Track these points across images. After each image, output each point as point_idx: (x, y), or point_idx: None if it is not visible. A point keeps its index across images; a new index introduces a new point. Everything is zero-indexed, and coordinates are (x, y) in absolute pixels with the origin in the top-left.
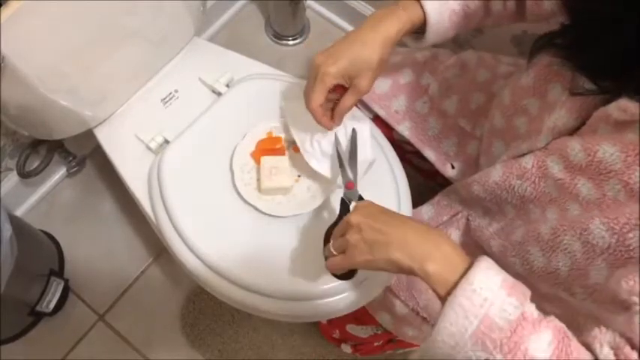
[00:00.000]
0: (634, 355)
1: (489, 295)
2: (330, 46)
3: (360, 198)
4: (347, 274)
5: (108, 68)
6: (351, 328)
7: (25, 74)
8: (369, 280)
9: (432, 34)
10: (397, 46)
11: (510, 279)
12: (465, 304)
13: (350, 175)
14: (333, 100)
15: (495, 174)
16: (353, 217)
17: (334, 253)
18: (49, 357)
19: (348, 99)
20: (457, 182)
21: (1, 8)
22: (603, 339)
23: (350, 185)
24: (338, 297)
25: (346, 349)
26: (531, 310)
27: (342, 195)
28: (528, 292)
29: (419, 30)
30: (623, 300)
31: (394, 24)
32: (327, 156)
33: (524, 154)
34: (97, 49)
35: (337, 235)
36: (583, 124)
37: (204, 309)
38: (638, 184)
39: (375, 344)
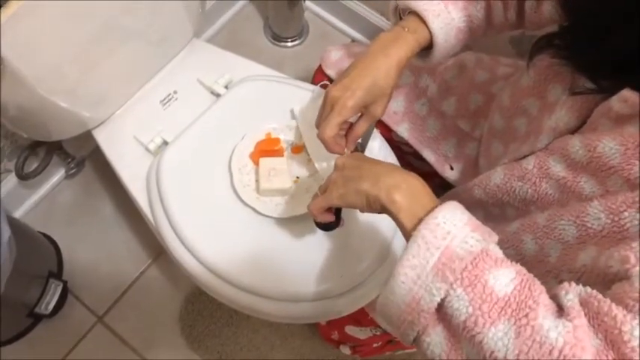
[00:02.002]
0: (606, 303)
1: (452, 229)
2: (343, 77)
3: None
4: (328, 225)
5: (107, 69)
6: (350, 330)
7: (24, 75)
8: (369, 282)
9: (439, 52)
10: None
11: (478, 221)
12: (428, 237)
13: None
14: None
15: (496, 177)
16: (339, 159)
17: (319, 194)
18: (48, 358)
19: (362, 125)
20: (458, 186)
21: (1, 9)
22: (571, 289)
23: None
24: (337, 298)
25: (345, 350)
26: (495, 250)
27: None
28: (495, 236)
29: (425, 48)
30: (615, 272)
31: (404, 48)
32: None
33: (525, 156)
34: (96, 50)
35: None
36: (584, 123)
37: (203, 310)
38: (638, 176)
39: (374, 345)
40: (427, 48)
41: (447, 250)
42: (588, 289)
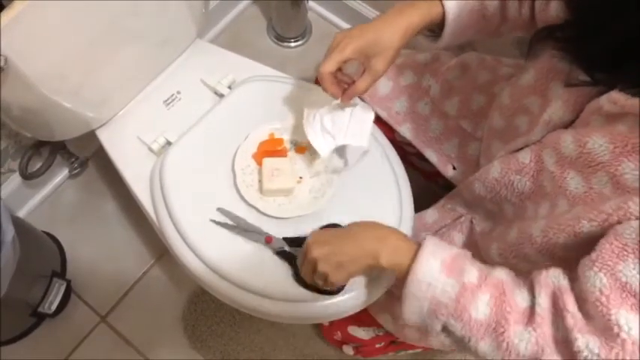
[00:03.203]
0: (570, 304)
1: (432, 280)
2: (353, 28)
3: (286, 241)
4: (331, 291)
5: (110, 70)
6: (353, 330)
7: (27, 76)
8: (371, 283)
9: (450, 31)
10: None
11: (449, 259)
12: (416, 293)
13: (337, 162)
14: (347, 83)
15: (494, 170)
16: (312, 254)
17: (319, 283)
18: (51, 358)
19: (364, 80)
20: (460, 184)
21: (4, 10)
22: (545, 283)
23: (268, 239)
24: (340, 299)
25: (348, 350)
26: (470, 279)
27: (285, 248)
28: (467, 265)
29: (436, 29)
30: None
31: (416, 13)
32: (327, 133)
33: (520, 149)
34: (100, 50)
35: (308, 272)
36: (578, 117)
37: (206, 310)
38: (624, 175)
39: (377, 346)
40: (439, 30)
41: (432, 301)
42: (562, 281)
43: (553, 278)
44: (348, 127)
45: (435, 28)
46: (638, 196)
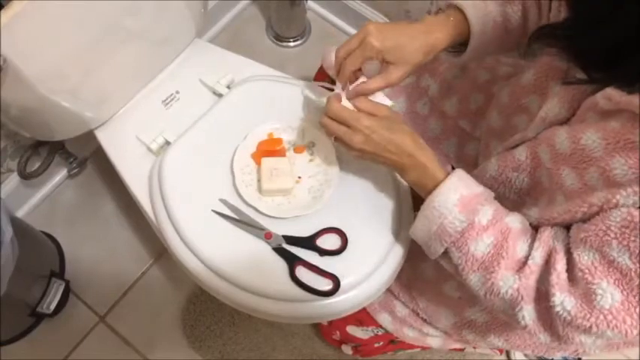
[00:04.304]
0: (560, 264)
1: (444, 211)
2: (387, 23)
3: (285, 239)
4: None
5: (109, 69)
6: (352, 330)
7: (26, 75)
8: (370, 282)
9: (474, 45)
10: None
11: (468, 196)
12: (428, 215)
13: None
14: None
15: (491, 168)
16: (363, 121)
17: (340, 136)
18: (50, 358)
19: (376, 82)
20: None
21: (3, 10)
22: (545, 240)
23: (268, 235)
24: (338, 298)
25: (347, 350)
26: (481, 219)
27: (283, 245)
28: (483, 206)
29: (458, 45)
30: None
31: (444, 33)
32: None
33: (517, 146)
34: (99, 50)
35: (349, 118)
36: (574, 115)
37: (205, 310)
38: (614, 170)
39: (376, 345)
40: (464, 44)
41: (440, 227)
42: (560, 243)
43: (554, 238)
44: None
45: (457, 45)
46: (625, 189)
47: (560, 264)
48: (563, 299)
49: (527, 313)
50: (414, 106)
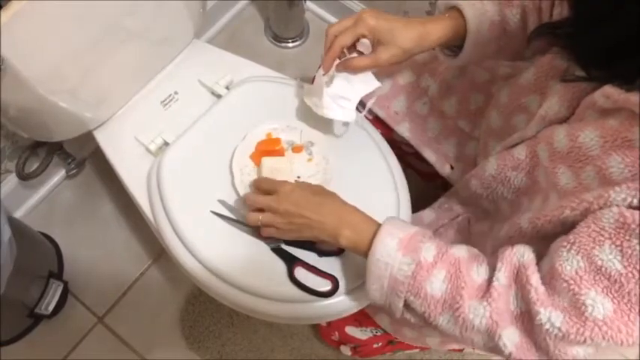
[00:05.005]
0: (533, 279)
1: (389, 259)
2: (381, 10)
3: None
4: (328, 293)
5: (108, 70)
6: (351, 330)
7: (24, 76)
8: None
9: (471, 43)
10: None
11: (406, 238)
12: (375, 271)
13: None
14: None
15: (490, 167)
16: (282, 205)
17: (259, 221)
18: (49, 359)
19: (363, 60)
20: (457, 183)
21: (1, 10)
22: (508, 259)
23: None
24: (337, 299)
25: (346, 351)
26: (426, 256)
27: (281, 246)
28: (424, 243)
29: (455, 48)
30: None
31: (439, 29)
32: (340, 99)
33: (516, 144)
34: (97, 50)
35: (262, 203)
36: (573, 113)
37: (204, 311)
38: (610, 168)
39: (375, 346)
40: (461, 47)
41: (390, 278)
42: (527, 257)
43: (518, 255)
44: (354, 84)
45: (454, 47)
46: (619, 186)
47: (534, 278)
48: (550, 315)
49: (507, 339)
50: (413, 106)
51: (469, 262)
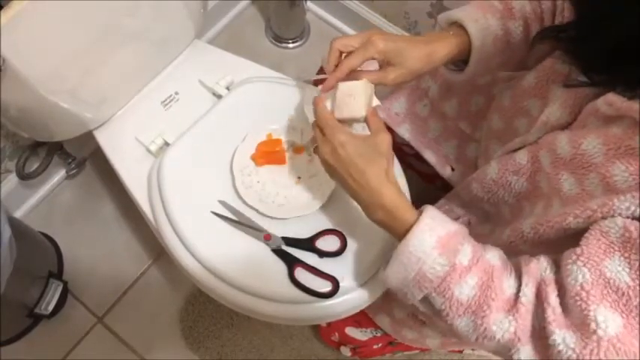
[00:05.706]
0: (552, 297)
1: (422, 255)
2: (387, 32)
3: (284, 240)
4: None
5: (108, 70)
6: (351, 331)
7: (25, 76)
8: (369, 284)
9: (476, 56)
10: None
11: (446, 237)
12: (403, 260)
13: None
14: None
15: (492, 171)
16: (339, 137)
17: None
18: (48, 359)
19: (369, 74)
20: (458, 185)
21: (2, 10)
22: (534, 273)
23: (267, 237)
24: (337, 300)
25: (345, 351)
26: (462, 260)
27: (282, 247)
28: (463, 245)
29: (460, 63)
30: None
31: (444, 46)
32: None
33: (517, 149)
34: (98, 51)
35: (323, 140)
36: (575, 119)
37: (203, 311)
38: (614, 177)
39: (375, 347)
40: (466, 62)
41: (419, 273)
42: (549, 273)
43: (541, 269)
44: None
45: (459, 63)
46: (623, 195)
47: (552, 297)
48: (564, 336)
49: (524, 353)
50: (414, 107)
51: (501, 271)
